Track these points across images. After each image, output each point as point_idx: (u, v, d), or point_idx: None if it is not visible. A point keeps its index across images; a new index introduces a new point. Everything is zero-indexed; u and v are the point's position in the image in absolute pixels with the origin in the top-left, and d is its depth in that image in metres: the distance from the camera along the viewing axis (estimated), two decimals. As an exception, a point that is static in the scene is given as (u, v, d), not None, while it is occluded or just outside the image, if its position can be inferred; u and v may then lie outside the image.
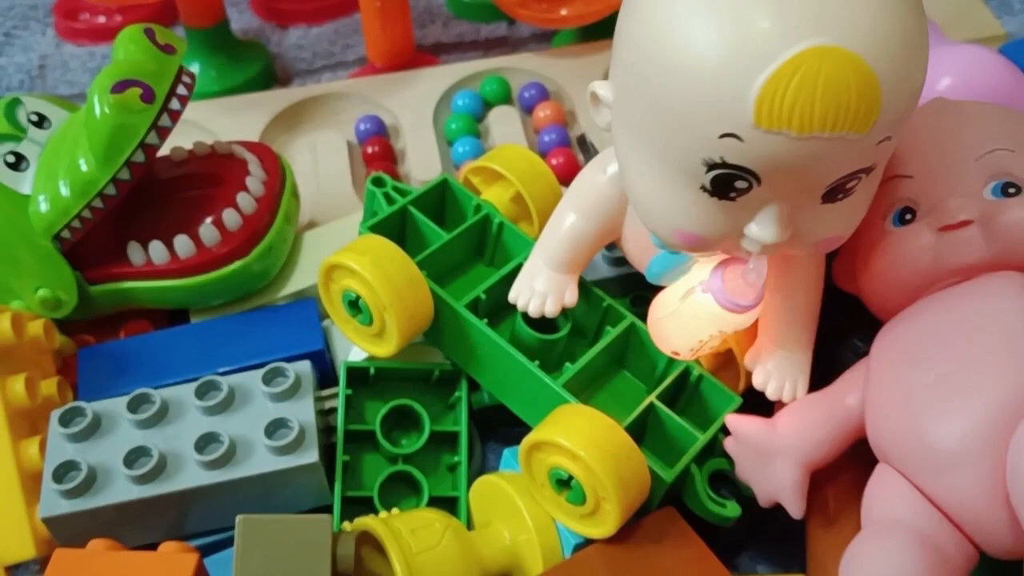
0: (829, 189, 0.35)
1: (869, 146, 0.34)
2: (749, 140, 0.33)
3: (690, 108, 0.34)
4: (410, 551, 0.41)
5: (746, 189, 0.35)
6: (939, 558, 0.35)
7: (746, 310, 0.40)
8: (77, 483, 0.45)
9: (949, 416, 0.36)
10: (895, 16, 0.33)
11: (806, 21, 0.32)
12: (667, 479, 0.43)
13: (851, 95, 0.32)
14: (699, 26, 0.33)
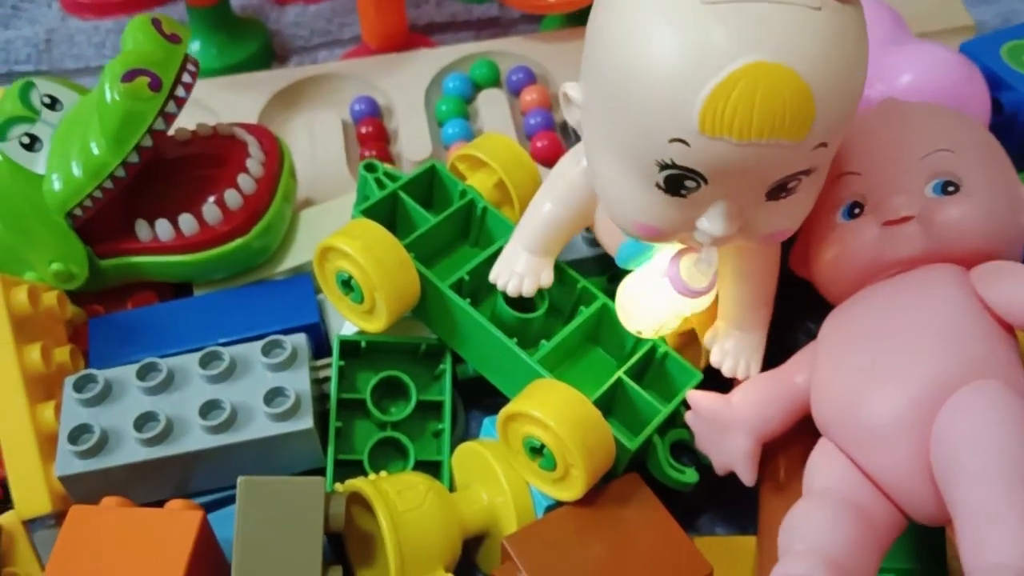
0: (771, 188, 0.39)
1: (805, 152, 0.37)
2: (695, 145, 0.37)
3: (644, 114, 0.38)
4: (396, 510, 0.45)
5: (695, 188, 0.39)
6: (867, 524, 0.39)
7: (700, 295, 0.44)
8: (90, 445, 0.49)
9: (882, 397, 0.40)
10: (832, 36, 0.36)
11: (747, 39, 0.36)
12: (631, 447, 0.47)
13: (786, 106, 0.36)
14: (653, 40, 0.37)
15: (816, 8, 0.36)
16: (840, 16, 0.37)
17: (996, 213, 0.44)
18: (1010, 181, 0.46)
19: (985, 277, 0.42)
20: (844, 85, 0.37)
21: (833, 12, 0.37)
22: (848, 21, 0.37)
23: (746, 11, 0.36)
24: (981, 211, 0.44)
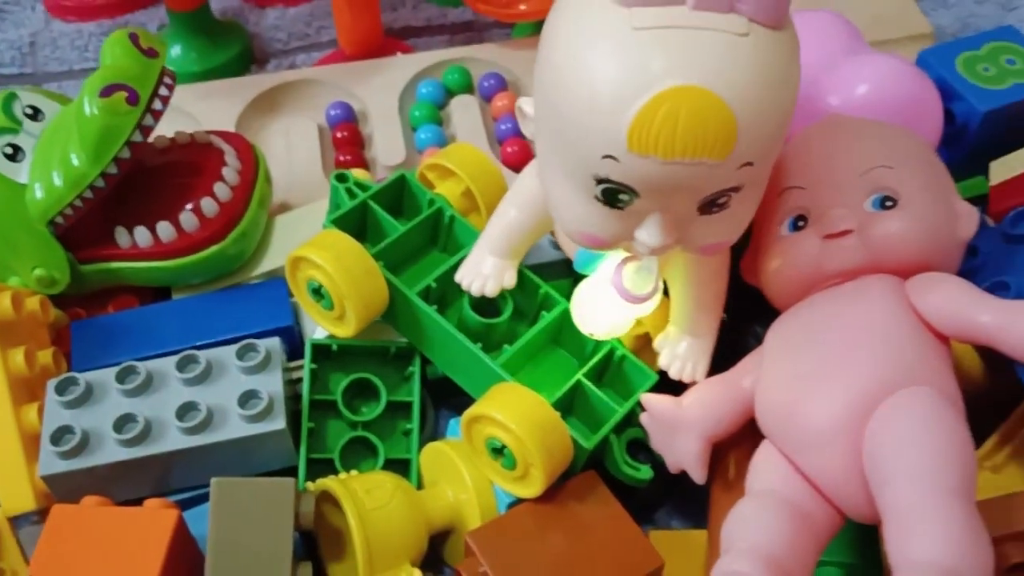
0: (702, 203, 0.41)
1: (730, 170, 0.40)
2: (625, 162, 0.39)
3: (581, 131, 0.40)
4: (364, 508, 0.48)
5: (630, 201, 0.41)
6: (805, 524, 0.41)
7: (642, 300, 0.46)
8: (72, 445, 0.51)
9: (818, 404, 0.42)
10: (757, 61, 0.38)
11: (673, 63, 0.38)
12: (588, 447, 0.49)
13: (708, 128, 0.38)
14: (588, 61, 0.39)
15: (743, 34, 0.38)
16: (767, 41, 0.39)
17: (932, 227, 0.46)
18: (946, 195, 0.48)
19: (918, 288, 0.45)
20: (768, 108, 0.39)
21: (759, 38, 0.39)
22: (776, 46, 0.39)
23: (674, 36, 0.38)
24: (917, 225, 0.46)
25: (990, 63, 0.63)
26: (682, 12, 0.38)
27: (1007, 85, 0.61)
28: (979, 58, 0.63)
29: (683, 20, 0.38)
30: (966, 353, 0.50)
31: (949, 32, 0.85)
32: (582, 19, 0.40)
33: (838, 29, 0.64)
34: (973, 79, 0.62)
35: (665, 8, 0.39)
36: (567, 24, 0.41)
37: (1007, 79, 0.62)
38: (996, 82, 0.62)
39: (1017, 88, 0.61)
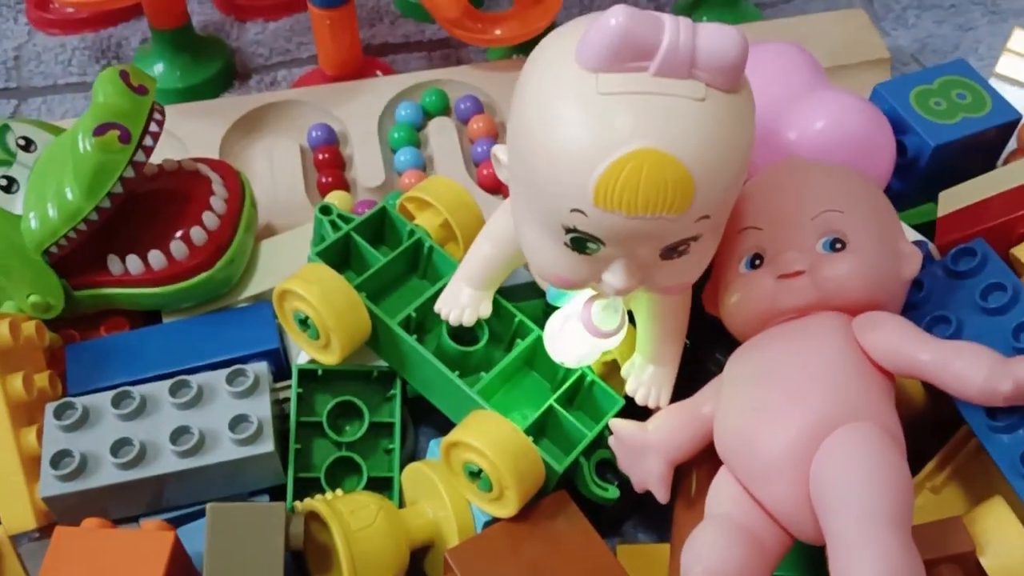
0: (664, 251, 0.45)
1: (688, 223, 0.43)
2: (592, 215, 0.42)
3: (551, 185, 0.43)
4: (349, 529, 0.51)
5: (597, 249, 0.44)
6: (757, 547, 0.45)
7: (609, 336, 0.50)
8: (71, 469, 0.54)
9: (769, 437, 0.46)
10: (713, 124, 0.42)
11: (635, 127, 0.41)
12: (559, 470, 0.53)
13: (667, 187, 0.41)
14: (558, 122, 0.42)
15: (700, 99, 0.42)
16: (723, 105, 0.42)
17: (878, 268, 0.50)
18: (893, 237, 0.52)
19: (863, 326, 0.48)
20: (723, 167, 0.42)
21: (715, 102, 0.42)
22: (730, 109, 0.43)
23: (636, 102, 0.41)
24: (864, 267, 0.49)
25: (942, 97, 0.66)
26: (644, 78, 0.42)
27: (957, 119, 0.65)
28: (931, 92, 0.66)
29: (645, 86, 0.41)
30: (910, 381, 0.54)
31: (908, 52, 0.88)
32: (552, 80, 0.43)
33: (800, 63, 0.67)
34: (925, 113, 0.65)
35: (629, 74, 0.42)
36: (538, 84, 0.44)
37: (957, 113, 0.65)
38: (947, 116, 0.65)
39: (966, 122, 0.65)
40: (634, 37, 0.41)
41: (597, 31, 0.41)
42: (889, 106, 0.65)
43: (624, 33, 0.41)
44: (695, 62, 0.42)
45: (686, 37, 0.41)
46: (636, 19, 0.41)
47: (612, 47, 0.41)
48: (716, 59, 0.42)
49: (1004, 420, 0.47)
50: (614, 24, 0.41)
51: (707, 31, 0.42)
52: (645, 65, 0.41)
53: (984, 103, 0.66)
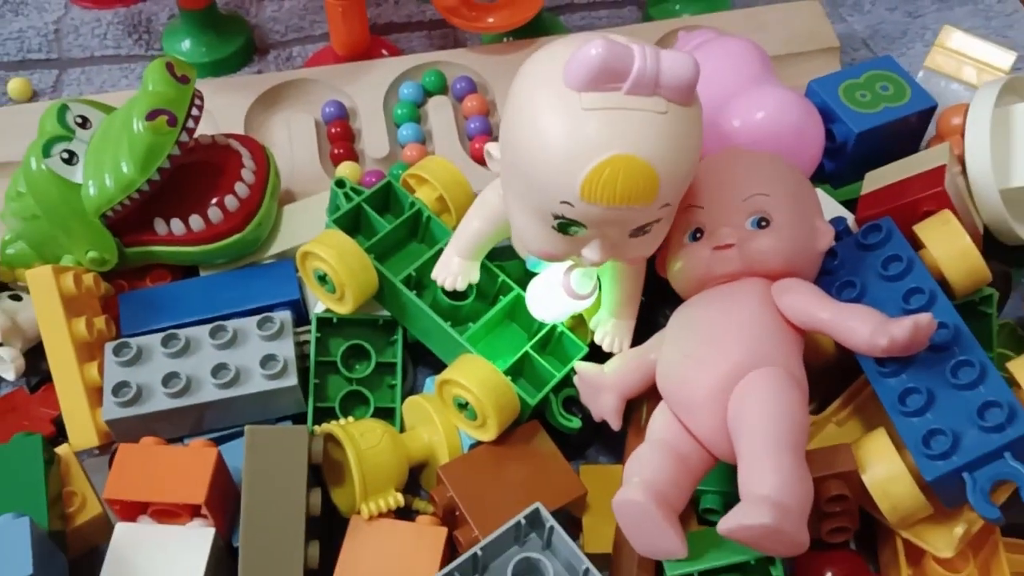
0: (632, 231, 0.55)
1: (653, 210, 0.54)
2: (578, 206, 0.53)
3: (543, 182, 0.53)
4: (359, 447, 0.62)
5: (579, 231, 0.55)
6: (684, 464, 0.57)
7: (585, 298, 0.61)
8: (129, 397, 0.65)
9: (696, 379, 0.57)
10: (672, 133, 0.52)
11: (612, 137, 0.51)
12: (531, 403, 0.64)
13: (639, 184, 0.52)
14: (550, 133, 0.52)
15: (663, 112, 0.52)
16: (680, 116, 0.53)
17: (796, 243, 0.61)
18: (810, 217, 0.62)
19: (779, 290, 0.59)
20: (681, 165, 0.53)
21: (674, 114, 0.52)
22: (686, 119, 0.53)
23: (613, 116, 0.51)
24: (784, 242, 0.60)
25: (867, 90, 0.76)
26: (619, 96, 0.52)
27: (879, 109, 0.75)
28: (858, 85, 0.77)
29: (619, 103, 0.52)
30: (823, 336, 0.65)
31: (860, 38, 0.98)
32: (544, 98, 0.53)
33: (751, 58, 0.77)
34: (851, 104, 0.76)
35: (606, 93, 0.52)
36: (531, 99, 0.54)
37: (880, 104, 0.76)
38: (870, 106, 0.76)
39: (887, 111, 0.75)
40: (610, 64, 0.51)
41: (580, 59, 0.51)
42: (820, 99, 0.76)
43: (602, 61, 0.51)
44: (659, 83, 0.52)
45: (652, 63, 0.51)
46: (612, 50, 0.51)
47: (592, 72, 0.51)
48: (675, 81, 0.52)
49: (889, 367, 0.59)
50: (594, 54, 0.51)
51: (668, 58, 0.52)
52: (619, 86, 0.52)
53: (904, 93, 0.76)
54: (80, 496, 0.65)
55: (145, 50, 0.96)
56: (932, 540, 0.58)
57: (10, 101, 0.92)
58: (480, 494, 0.62)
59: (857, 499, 0.59)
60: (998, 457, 0.54)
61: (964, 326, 0.59)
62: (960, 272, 0.63)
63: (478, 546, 0.57)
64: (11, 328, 0.72)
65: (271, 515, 0.59)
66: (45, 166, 0.69)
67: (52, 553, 0.60)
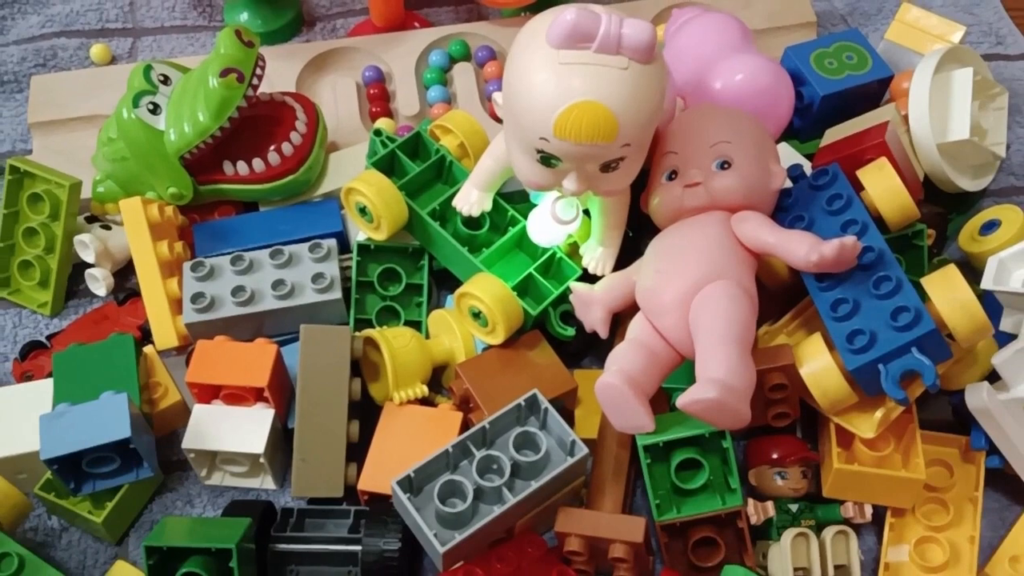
0: (602, 166, 0.68)
1: (616, 148, 0.66)
2: (552, 142, 0.66)
3: (528, 122, 0.66)
4: (392, 347, 0.76)
5: (557, 164, 0.68)
6: (654, 357, 0.70)
7: (568, 223, 0.74)
8: (204, 305, 0.79)
9: (666, 289, 0.70)
10: (631, 85, 0.64)
11: (581, 86, 0.63)
12: (533, 314, 0.77)
13: (600, 125, 0.64)
14: (533, 81, 0.65)
15: (624, 68, 0.64)
16: (639, 72, 0.65)
17: (753, 182, 0.73)
18: (766, 161, 0.74)
19: (736, 220, 0.72)
20: (638, 112, 0.65)
21: (634, 70, 0.64)
22: (645, 75, 0.65)
23: (583, 69, 0.64)
24: (743, 181, 0.73)
25: (834, 59, 0.89)
26: (588, 54, 0.64)
27: (843, 76, 0.88)
28: (827, 54, 0.89)
29: (589, 59, 0.64)
30: (778, 262, 0.77)
31: (839, 14, 1.09)
32: (532, 54, 0.66)
33: (731, 28, 0.90)
34: (819, 70, 0.88)
35: (578, 51, 0.64)
36: (523, 54, 0.67)
37: (844, 71, 0.88)
38: (836, 73, 0.88)
39: (849, 78, 0.88)
40: (581, 28, 0.64)
41: (558, 22, 0.64)
42: (793, 64, 0.88)
43: (574, 24, 0.64)
44: (621, 44, 0.64)
45: (615, 28, 0.64)
46: (582, 15, 0.64)
47: (566, 32, 0.64)
48: (634, 42, 0.64)
49: (825, 283, 0.71)
50: (568, 19, 0.64)
51: (630, 24, 0.64)
52: (589, 45, 0.64)
53: (866, 63, 0.89)
54: (163, 386, 0.80)
55: (208, 21, 1.10)
56: (857, 423, 0.71)
57: (92, 64, 1.06)
58: (489, 386, 0.76)
59: (796, 389, 0.72)
60: (907, 352, 0.67)
61: (888, 250, 0.71)
62: (892, 209, 0.75)
63: (485, 420, 0.71)
64: (103, 252, 0.87)
65: (321, 396, 0.73)
66: (134, 115, 0.83)
67: (143, 427, 0.74)
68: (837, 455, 0.71)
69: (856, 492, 0.72)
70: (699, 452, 0.70)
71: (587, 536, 0.69)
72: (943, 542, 0.71)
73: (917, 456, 0.72)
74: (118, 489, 0.74)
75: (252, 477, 0.78)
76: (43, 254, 0.86)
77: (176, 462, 0.80)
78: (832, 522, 0.72)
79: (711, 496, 0.70)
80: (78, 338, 0.82)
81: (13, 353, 0.86)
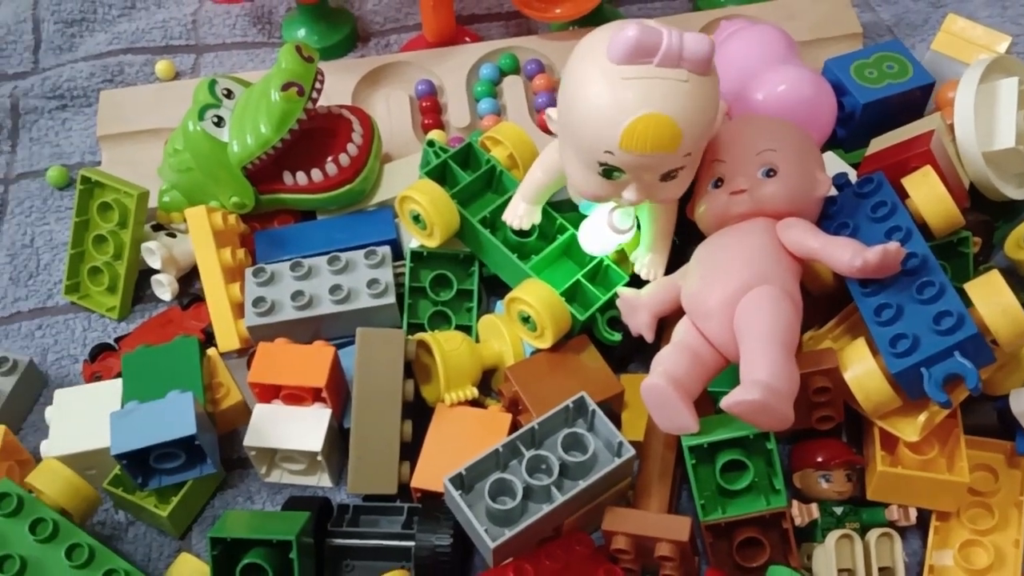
0: (663, 176, 0.70)
1: (678, 158, 0.69)
2: (617, 154, 0.68)
3: (591, 136, 0.69)
4: (444, 350, 0.79)
5: (619, 175, 0.70)
6: (699, 361, 0.71)
7: (624, 233, 0.76)
8: (264, 309, 0.83)
9: (711, 294, 0.72)
10: (692, 96, 0.66)
11: (645, 99, 0.66)
12: (581, 319, 0.79)
13: (665, 136, 0.66)
14: (598, 97, 0.67)
15: (684, 81, 0.67)
16: (699, 84, 0.67)
17: (798, 190, 0.75)
18: (811, 169, 0.76)
19: (782, 227, 0.73)
20: (699, 122, 0.67)
21: (694, 83, 0.67)
22: (704, 86, 0.67)
23: (645, 83, 0.66)
24: (788, 189, 0.74)
25: (875, 68, 0.90)
26: (650, 68, 0.66)
27: (883, 84, 0.89)
28: (867, 64, 0.90)
29: (650, 73, 0.66)
30: (823, 268, 0.79)
31: (885, 25, 1.10)
32: (591, 69, 0.68)
33: (776, 40, 0.91)
34: (860, 80, 0.89)
35: (639, 66, 0.66)
36: (582, 71, 0.69)
37: (884, 80, 0.89)
38: (876, 82, 0.89)
39: (890, 87, 0.89)
40: (643, 43, 0.66)
41: (619, 39, 0.66)
42: (834, 75, 0.90)
43: (636, 40, 0.66)
44: (682, 58, 0.66)
45: (676, 43, 0.66)
46: (644, 31, 0.66)
47: (629, 48, 0.66)
48: (694, 56, 0.66)
49: (869, 288, 0.73)
50: (631, 35, 0.66)
51: (690, 38, 0.66)
52: (650, 60, 0.66)
53: (907, 71, 0.90)
54: (225, 387, 0.83)
55: (267, 38, 1.14)
56: (901, 427, 0.72)
57: (157, 79, 1.10)
58: (538, 389, 0.78)
59: (840, 393, 0.73)
60: (949, 356, 0.68)
61: (932, 256, 0.72)
62: (937, 216, 0.76)
63: (535, 421, 0.73)
64: (168, 258, 0.90)
65: (376, 397, 0.76)
66: (200, 127, 0.87)
67: (207, 425, 0.78)
68: (881, 458, 0.72)
69: (900, 495, 0.72)
70: (744, 454, 0.71)
71: (634, 535, 0.70)
72: (988, 546, 0.72)
73: (961, 460, 0.72)
74: (182, 485, 0.77)
75: (310, 475, 0.81)
76: (112, 260, 0.90)
77: (237, 460, 0.83)
78: (876, 525, 0.73)
79: (756, 497, 0.72)
80: (145, 340, 0.86)
81: (83, 355, 0.90)
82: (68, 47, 1.14)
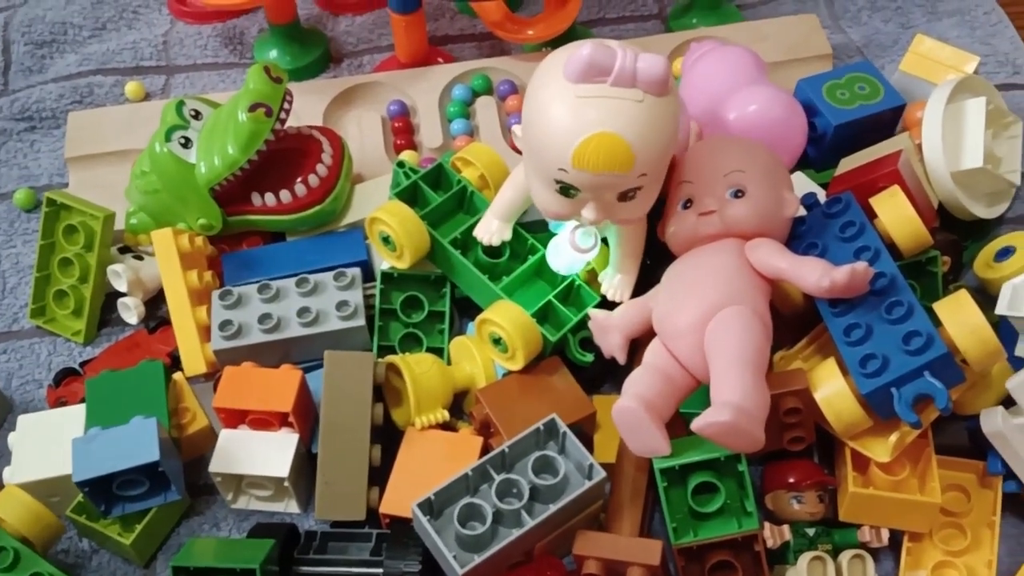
0: (619, 195, 0.70)
1: (632, 179, 0.68)
2: (570, 172, 0.68)
3: (547, 153, 0.68)
4: (414, 373, 0.78)
5: (576, 193, 0.70)
6: (670, 383, 0.71)
7: (587, 252, 0.76)
8: (231, 332, 0.82)
9: (680, 315, 0.71)
10: (647, 117, 0.66)
11: (598, 118, 0.66)
12: (552, 340, 0.79)
13: (617, 155, 0.66)
14: (552, 114, 0.67)
15: (639, 101, 0.66)
16: (654, 105, 0.67)
17: (765, 209, 0.75)
18: (779, 189, 0.76)
19: (750, 247, 0.73)
20: (654, 143, 0.67)
21: (649, 103, 0.66)
22: (659, 107, 0.67)
23: (600, 102, 0.66)
24: (755, 209, 0.74)
25: (847, 89, 0.90)
26: (605, 87, 0.66)
27: (855, 105, 0.89)
28: (839, 85, 0.91)
29: (604, 92, 0.66)
30: (792, 288, 0.79)
31: (855, 46, 1.11)
32: (550, 88, 0.68)
33: (746, 62, 0.92)
34: (831, 101, 0.89)
35: (595, 84, 0.66)
36: (541, 88, 0.69)
37: (856, 101, 0.89)
38: (848, 103, 0.89)
39: (861, 108, 0.89)
40: (597, 62, 0.66)
41: (574, 58, 0.66)
42: (806, 95, 0.90)
43: (590, 59, 0.66)
44: (636, 78, 0.66)
45: (630, 62, 0.66)
46: (598, 50, 0.66)
47: (582, 68, 0.66)
48: (649, 76, 0.66)
49: (839, 308, 0.73)
50: (585, 53, 0.66)
51: (644, 59, 0.66)
52: (605, 79, 0.66)
53: (878, 92, 0.90)
54: (191, 411, 0.82)
55: (239, 59, 1.13)
56: (872, 447, 0.72)
57: (127, 100, 1.10)
58: (509, 411, 0.77)
59: (810, 414, 0.72)
60: (919, 375, 0.67)
61: (900, 276, 0.72)
62: (904, 235, 0.76)
63: (505, 444, 0.72)
64: (135, 281, 0.89)
65: (344, 421, 0.75)
66: (167, 149, 0.86)
67: (172, 451, 0.76)
68: (853, 479, 0.72)
69: (872, 516, 0.72)
70: (715, 476, 0.71)
71: (605, 559, 0.69)
72: (960, 567, 0.72)
73: (933, 480, 0.72)
74: (147, 512, 0.76)
75: (277, 501, 0.79)
76: (77, 283, 0.89)
77: (203, 486, 0.82)
78: (849, 546, 0.72)
79: (727, 520, 0.71)
80: (110, 365, 0.84)
81: (47, 380, 0.88)
82: (38, 68, 1.13)
